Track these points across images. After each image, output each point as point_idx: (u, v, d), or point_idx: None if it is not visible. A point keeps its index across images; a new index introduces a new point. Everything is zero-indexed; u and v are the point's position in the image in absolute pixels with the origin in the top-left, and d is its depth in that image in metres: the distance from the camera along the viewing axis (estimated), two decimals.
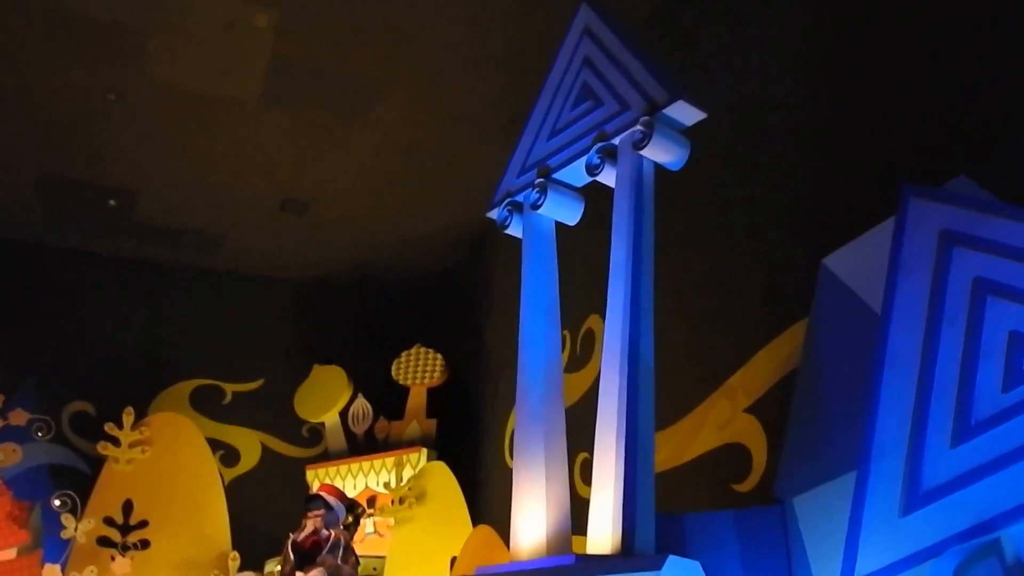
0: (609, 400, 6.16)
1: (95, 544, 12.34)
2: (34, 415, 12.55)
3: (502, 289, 13.13)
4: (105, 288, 14.21)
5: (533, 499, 6.44)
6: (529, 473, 6.53)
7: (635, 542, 5.66)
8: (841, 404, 5.80)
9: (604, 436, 6.09)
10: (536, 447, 6.56)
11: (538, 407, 6.69)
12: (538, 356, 6.81)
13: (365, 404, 13.51)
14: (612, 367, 6.21)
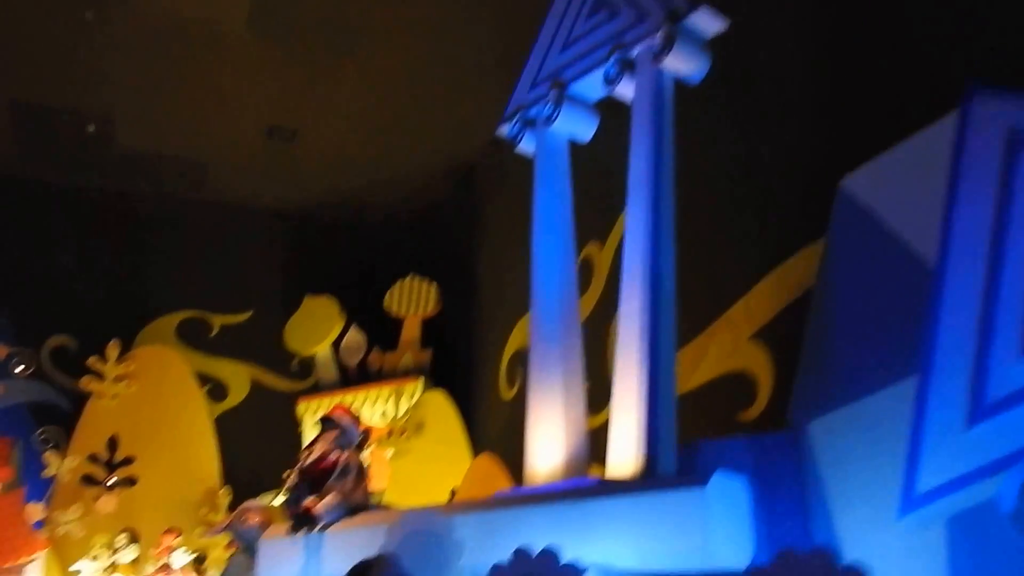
0: (630, 322, 5.97)
1: (80, 482, 12.16)
2: (13, 348, 12.31)
3: (492, 221, 12.94)
4: (85, 220, 13.87)
5: (549, 423, 6.26)
6: (545, 397, 6.34)
7: (658, 466, 5.50)
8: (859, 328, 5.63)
9: (625, 359, 5.90)
10: (553, 370, 6.38)
11: (554, 330, 6.50)
12: (552, 277, 6.58)
13: (358, 335, 13.27)
14: (633, 287, 6.00)
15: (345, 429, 5.95)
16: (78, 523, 11.51)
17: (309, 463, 5.83)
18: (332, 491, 5.65)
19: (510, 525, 4.82)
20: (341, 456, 5.82)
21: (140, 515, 11.80)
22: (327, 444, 5.86)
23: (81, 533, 11.44)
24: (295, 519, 5.62)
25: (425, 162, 13.39)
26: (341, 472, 5.72)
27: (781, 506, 5.23)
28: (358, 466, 5.81)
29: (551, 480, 5.94)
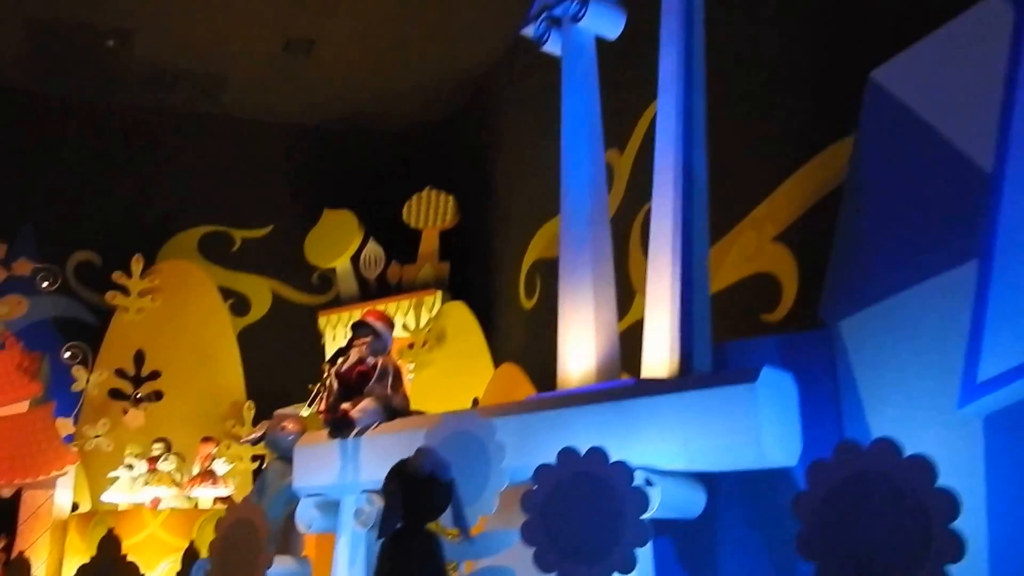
0: (662, 219, 5.74)
1: (107, 397, 12.10)
2: (39, 264, 12.16)
3: (508, 130, 12.62)
4: (105, 135, 13.60)
5: (581, 325, 6.06)
6: (576, 299, 6.13)
7: (693, 365, 5.32)
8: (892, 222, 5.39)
9: (658, 257, 5.69)
10: (583, 271, 6.16)
11: (584, 231, 6.26)
12: (581, 178, 6.33)
13: (377, 248, 13.06)
14: (665, 183, 5.76)
15: (380, 333, 5.75)
16: (107, 437, 11.42)
17: (344, 368, 5.64)
18: (368, 396, 5.47)
19: (552, 427, 4.65)
20: (377, 361, 5.63)
21: (167, 429, 11.71)
22: (362, 349, 5.67)
23: (110, 447, 11.37)
24: (331, 425, 5.45)
25: (441, 71, 13.01)
26: (378, 376, 5.54)
27: (812, 405, 5.01)
28: (394, 370, 5.61)
29: (584, 384, 5.78)
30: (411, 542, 3.85)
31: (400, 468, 3.91)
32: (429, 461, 3.87)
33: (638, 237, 9.58)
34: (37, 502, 10.30)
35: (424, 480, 3.86)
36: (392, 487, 3.87)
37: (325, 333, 13.11)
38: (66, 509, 10.66)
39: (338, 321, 13.00)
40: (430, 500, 3.90)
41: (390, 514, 3.86)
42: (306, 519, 5.52)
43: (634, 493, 3.94)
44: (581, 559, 3.96)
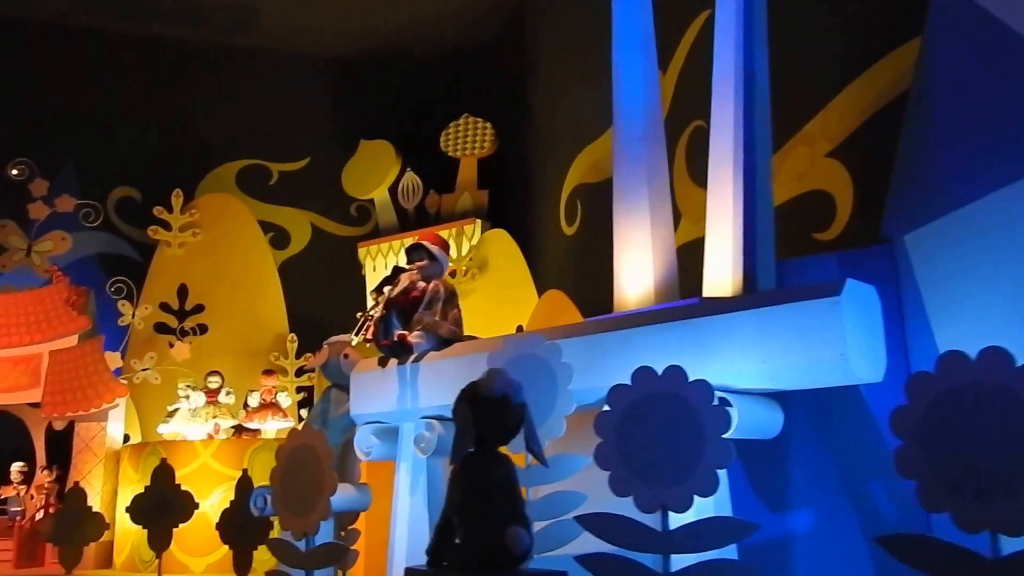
0: (723, 131, 5.42)
1: (152, 330, 11.98)
2: (81, 200, 12.00)
3: (545, 55, 12.20)
4: (140, 71, 13.30)
5: (637, 246, 5.78)
6: (631, 219, 5.84)
7: (758, 283, 5.03)
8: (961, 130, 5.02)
9: (719, 170, 5.38)
10: (638, 191, 5.86)
11: (638, 148, 5.94)
12: (635, 94, 5.99)
13: (414, 178, 12.76)
14: (725, 91, 5.44)
15: (435, 257, 5.47)
16: (154, 370, 11.31)
17: (397, 293, 5.36)
18: (424, 320, 5.19)
19: (620, 347, 4.38)
20: (431, 285, 5.35)
21: (212, 362, 11.59)
22: (416, 273, 5.39)
23: (157, 380, 11.27)
24: (387, 351, 5.20)
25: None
26: (431, 300, 5.26)
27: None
28: (447, 294, 5.33)
29: (643, 306, 5.51)
30: (483, 466, 3.62)
31: (471, 390, 3.65)
32: (501, 382, 3.60)
33: (683, 159, 9.24)
34: (90, 434, 10.21)
35: (496, 402, 3.60)
36: (463, 410, 3.62)
37: (365, 264, 12.89)
38: (118, 440, 10.58)
39: (378, 252, 12.76)
40: (502, 423, 3.64)
41: (462, 438, 3.61)
42: (365, 446, 5.31)
43: (715, 412, 3.68)
44: (659, 482, 3.72)
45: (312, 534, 4.72)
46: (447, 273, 10.94)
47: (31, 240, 11.81)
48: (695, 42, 9.20)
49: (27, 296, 10.80)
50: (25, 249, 11.71)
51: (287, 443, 5.01)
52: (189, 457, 9.50)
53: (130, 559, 9.65)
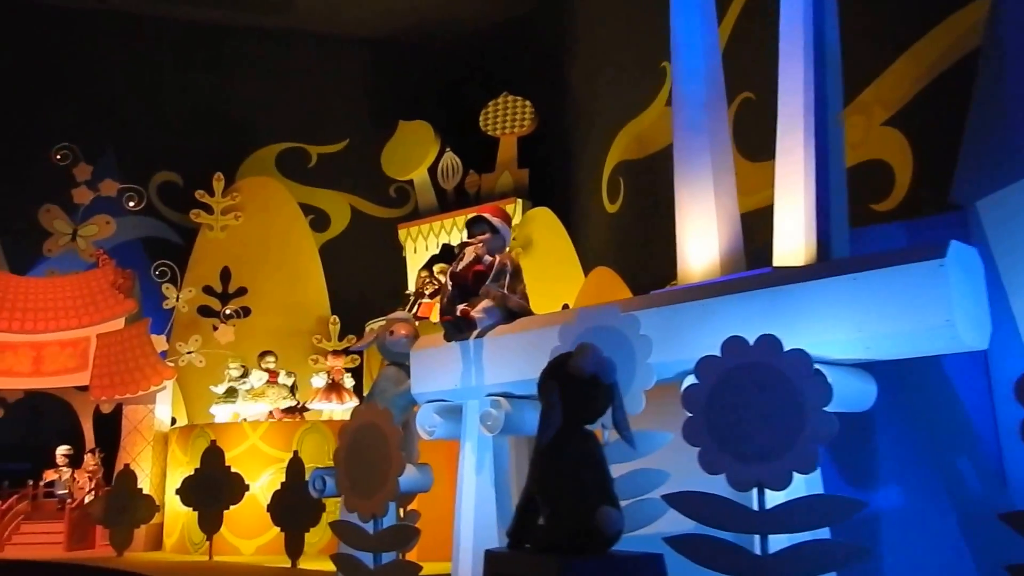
0: (792, 92, 5.07)
1: (196, 313, 11.79)
2: (123, 184, 11.83)
3: (585, 31, 11.85)
4: (176, 54, 13.09)
5: (701, 216, 5.46)
6: (694, 188, 5.52)
7: (832, 251, 4.72)
8: None
9: (788, 134, 5.05)
10: (701, 159, 5.53)
11: (699, 116, 5.62)
12: (695, 59, 5.65)
13: (454, 158, 12.44)
14: (793, 52, 5.09)
15: (498, 229, 5.18)
16: (198, 353, 11.13)
17: (461, 267, 5.08)
18: (488, 295, 4.91)
19: (702, 318, 4.09)
20: (497, 258, 5.06)
21: (255, 344, 11.38)
22: (481, 247, 5.10)
23: (202, 363, 11.08)
24: (451, 326, 4.90)
25: None
26: (497, 274, 4.97)
27: None
28: (513, 267, 5.03)
29: (708, 276, 5.21)
30: (570, 443, 3.35)
31: (560, 368, 3.38)
32: (593, 361, 3.33)
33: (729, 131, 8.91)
34: (138, 417, 10.03)
35: (587, 382, 3.33)
36: (550, 387, 3.34)
37: (405, 245, 12.62)
38: (166, 423, 10.39)
39: (418, 233, 12.49)
40: (592, 402, 3.37)
41: (549, 416, 3.33)
42: (428, 425, 5.04)
43: (815, 382, 3.37)
44: (753, 458, 3.43)
45: (381, 515, 4.47)
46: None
47: (76, 224, 11.68)
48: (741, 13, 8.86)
49: (74, 279, 10.64)
50: (71, 233, 11.59)
51: (351, 422, 4.74)
52: (238, 439, 9.28)
53: (180, 541, 9.46)
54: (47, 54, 12.45)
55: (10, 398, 10.55)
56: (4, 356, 10.11)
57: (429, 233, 12.39)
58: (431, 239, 12.32)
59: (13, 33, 12.38)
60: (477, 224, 5.16)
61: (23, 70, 12.34)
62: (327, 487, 5.38)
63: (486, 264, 5.02)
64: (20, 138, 12.10)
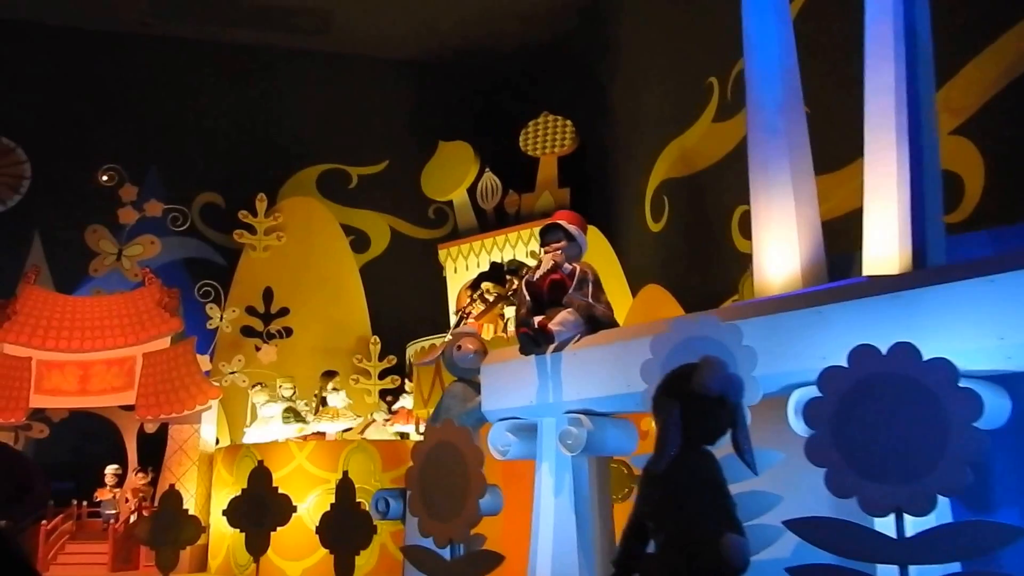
0: (881, 90, 4.63)
1: (239, 333, 11.40)
2: (168, 205, 11.50)
3: (625, 49, 11.45)
4: (218, 76, 12.78)
5: (779, 224, 5.02)
6: (770, 195, 5.08)
7: (927, 258, 4.27)
8: None
9: (878, 135, 4.60)
10: (779, 165, 5.09)
11: (775, 118, 5.19)
12: (770, 59, 5.22)
13: (493, 178, 12.00)
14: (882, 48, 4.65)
15: (574, 237, 4.75)
16: (241, 373, 10.73)
17: (536, 277, 4.64)
18: (572, 304, 4.45)
19: (813, 326, 3.62)
20: (573, 267, 4.61)
21: (297, 364, 11.00)
22: (559, 254, 4.66)
23: (245, 383, 10.68)
24: (527, 339, 4.43)
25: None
26: (576, 284, 4.52)
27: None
28: (594, 276, 4.58)
29: (788, 288, 4.75)
30: (688, 466, 2.89)
31: (680, 384, 2.92)
32: (720, 379, 2.88)
33: None
34: (183, 436, 9.62)
35: (711, 400, 2.87)
36: (668, 406, 2.88)
37: (446, 265, 12.18)
38: (211, 443, 9.98)
39: (459, 254, 12.05)
40: (716, 424, 2.92)
41: (666, 437, 2.87)
42: (500, 445, 4.58)
43: (963, 396, 2.91)
44: (891, 480, 2.96)
45: (459, 540, 4.01)
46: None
47: (122, 244, 11.36)
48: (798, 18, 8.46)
49: (120, 298, 10.31)
50: (116, 253, 11.26)
51: (425, 441, 4.29)
52: (284, 459, 8.85)
53: (225, 563, 9.02)
54: (94, 77, 12.18)
55: (55, 417, 10.18)
56: (51, 375, 9.74)
57: (469, 253, 11.96)
58: (471, 259, 11.90)
59: (61, 56, 12.12)
60: (552, 231, 4.73)
61: (70, 93, 12.07)
62: (391, 509, 4.96)
63: (565, 273, 4.57)
64: (67, 159, 11.82)
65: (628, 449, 4.49)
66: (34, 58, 12.07)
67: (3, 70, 11.93)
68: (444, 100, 13.24)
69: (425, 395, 8.04)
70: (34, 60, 12.07)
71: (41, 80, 12.03)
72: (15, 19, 11.91)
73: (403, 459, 8.89)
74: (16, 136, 11.92)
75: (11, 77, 11.93)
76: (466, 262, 11.99)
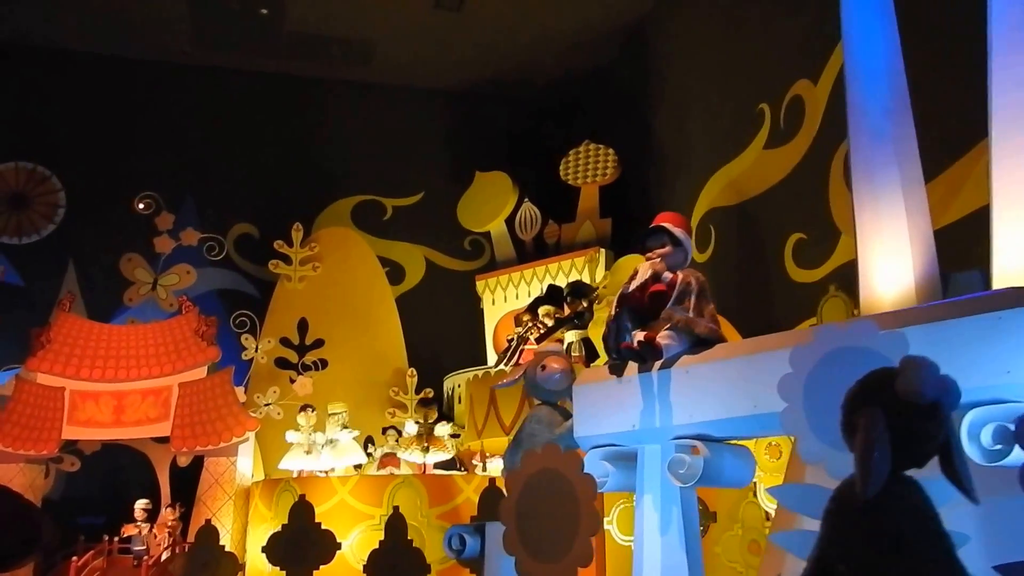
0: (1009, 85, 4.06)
1: (273, 365, 10.78)
2: (205, 234, 10.97)
3: (669, 79, 10.94)
4: (256, 106, 12.30)
5: (890, 236, 4.41)
6: (878, 206, 4.47)
7: None
8: None
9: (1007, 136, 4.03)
10: (887, 172, 4.50)
11: (883, 123, 4.60)
12: (875, 61, 4.64)
13: (532, 208, 11.46)
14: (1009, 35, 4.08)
15: (680, 242, 4.15)
16: (276, 405, 10.12)
17: (634, 287, 4.03)
18: (675, 317, 3.83)
19: (992, 334, 3.01)
20: (680, 276, 4.00)
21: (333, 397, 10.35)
22: (660, 262, 4.06)
23: (280, 415, 10.06)
24: (627, 355, 3.83)
25: (592, 23, 11.34)
26: (682, 293, 3.91)
27: None
28: (700, 286, 3.96)
29: (901, 304, 4.14)
30: (891, 495, 2.27)
31: (882, 389, 2.30)
32: (934, 383, 2.26)
33: (839, 172, 7.92)
34: (219, 470, 8.96)
35: (922, 411, 2.25)
36: (873, 418, 2.25)
37: (483, 297, 11.60)
38: (248, 476, 9.33)
39: (496, 285, 11.49)
40: (928, 440, 2.29)
41: (870, 458, 2.23)
42: (597, 475, 3.92)
43: None
44: None
45: None
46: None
47: (157, 274, 10.81)
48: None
49: (156, 327, 9.69)
50: (151, 283, 10.72)
51: (524, 469, 3.65)
52: (326, 494, 8.18)
53: None
54: (131, 105, 11.75)
55: (87, 450, 9.55)
56: (86, 405, 9.12)
57: (508, 284, 11.40)
58: (510, 290, 11.34)
59: (97, 85, 11.71)
60: (655, 236, 4.13)
61: (107, 121, 11.63)
62: (467, 547, 4.29)
63: (667, 282, 3.97)
64: (103, 188, 11.36)
65: (745, 480, 3.86)
66: (71, 86, 11.66)
67: (39, 98, 11.52)
68: (481, 130, 12.75)
69: (479, 425, 7.39)
70: (70, 88, 11.65)
71: (77, 108, 11.60)
72: (53, 47, 11.51)
73: (451, 494, 8.25)
74: (52, 165, 11.48)
75: (47, 105, 11.51)
76: (504, 293, 11.42)
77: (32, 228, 11.22)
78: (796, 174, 8.67)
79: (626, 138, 11.34)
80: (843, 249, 7.80)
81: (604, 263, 10.62)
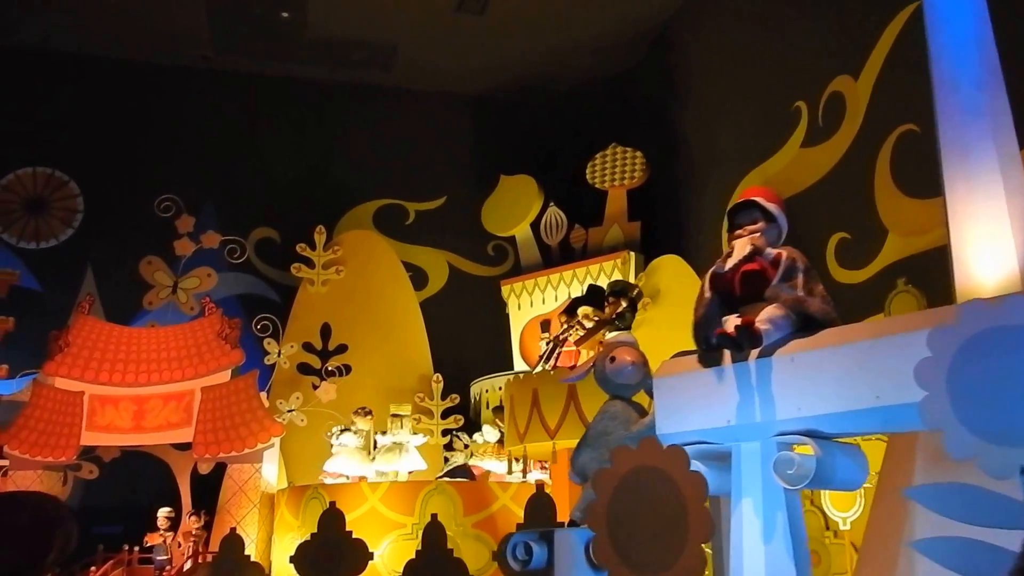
0: None
1: (296, 371, 10.29)
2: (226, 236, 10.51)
3: (698, 80, 10.51)
4: (278, 110, 11.88)
5: (988, 218, 3.96)
6: (973, 186, 4.03)
7: None
8: None
9: None
10: (983, 149, 4.05)
11: (977, 98, 4.16)
12: (965, 34, 4.20)
13: (558, 213, 11.01)
14: None
15: (774, 217, 3.68)
16: (299, 411, 9.62)
17: (726, 270, 3.55)
18: (778, 299, 3.35)
19: None
20: (783, 252, 3.52)
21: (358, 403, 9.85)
22: (759, 238, 3.58)
23: (303, 421, 9.58)
24: (729, 342, 3.31)
25: (617, 25, 10.91)
26: (788, 270, 3.42)
27: None
28: (805, 264, 3.48)
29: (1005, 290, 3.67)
30: None
31: None
32: None
33: (886, 169, 7.48)
34: (243, 476, 8.46)
35: None
36: None
37: (509, 302, 11.14)
38: (273, 483, 8.82)
39: (522, 290, 11.03)
40: None
41: None
42: None
43: None
44: None
45: None
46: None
47: (177, 277, 10.35)
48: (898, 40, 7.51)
49: (178, 330, 9.22)
50: (172, 286, 10.26)
51: (616, 466, 3.15)
52: (355, 501, 7.67)
53: None
54: (150, 110, 11.32)
55: (106, 457, 9.05)
56: (105, 411, 8.62)
57: (534, 289, 10.94)
58: (536, 295, 10.88)
59: (116, 90, 11.28)
60: (745, 211, 3.64)
61: (126, 126, 11.20)
62: (535, 557, 3.80)
63: (767, 260, 3.48)
64: (122, 192, 10.94)
65: (859, 482, 3.36)
66: (90, 91, 11.24)
67: (57, 104, 11.09)
68: (505, 134, 12.29)
69: (521, 429, 6.89)
70: (89, 93, 11.24)
71: (96, 113, 11.18)
72: (71, 52, 11.11)
73: (486, 502, 7.75)
74: (70, 169, 11.06)
75: (65, 110, 11.08)
76: (530, 298, 10.97)
77: (50, 233, 10.82)
78: (837, 172, 8.23)
79: (653, 140, 10.90)
80: (891, 248, 7.37)
81: (633, 265, 10.17)
